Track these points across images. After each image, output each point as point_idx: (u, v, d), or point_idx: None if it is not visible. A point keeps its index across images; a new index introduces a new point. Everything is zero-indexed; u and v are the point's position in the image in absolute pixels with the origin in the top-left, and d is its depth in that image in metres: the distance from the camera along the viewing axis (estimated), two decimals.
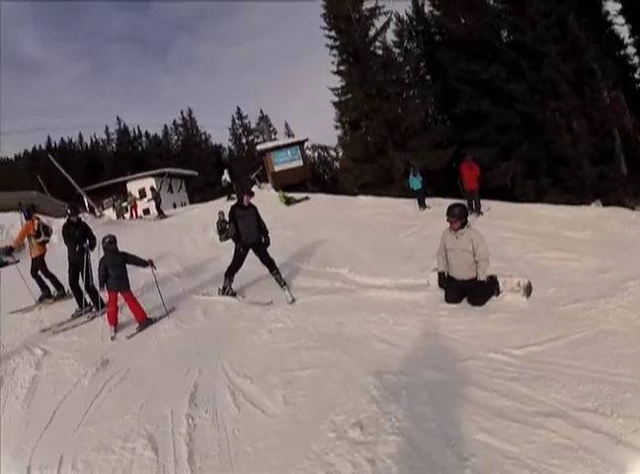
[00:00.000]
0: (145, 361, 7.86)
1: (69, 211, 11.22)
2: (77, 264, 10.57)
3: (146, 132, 77.18)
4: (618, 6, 30.90)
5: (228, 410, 5.92)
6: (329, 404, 5.55)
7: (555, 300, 8.24)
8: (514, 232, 14.29)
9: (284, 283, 10.35)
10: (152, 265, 9.98)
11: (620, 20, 31.39)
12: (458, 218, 8.45)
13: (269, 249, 10.63)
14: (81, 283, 10.72)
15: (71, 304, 11.08)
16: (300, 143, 39.42)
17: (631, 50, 31.92)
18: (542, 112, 26.43)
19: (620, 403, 4.87)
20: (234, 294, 10.47)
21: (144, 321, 9.47)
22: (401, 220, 18.46)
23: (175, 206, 40.40)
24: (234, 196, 29.25)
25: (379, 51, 35.99)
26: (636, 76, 32.31)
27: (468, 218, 8.73)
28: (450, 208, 8.56)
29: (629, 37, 31.64)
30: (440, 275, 8.92)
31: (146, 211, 36.75)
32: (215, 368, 7.08)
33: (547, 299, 8.32)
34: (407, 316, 8.09)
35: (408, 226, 16.87)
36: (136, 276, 11.59)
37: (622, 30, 31.84)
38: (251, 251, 10.51)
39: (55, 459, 5.38)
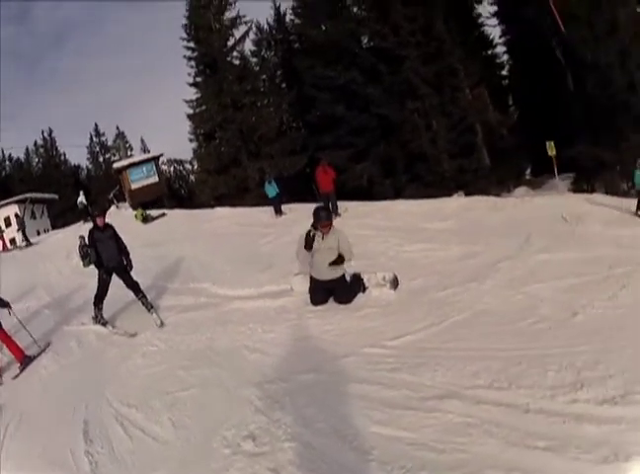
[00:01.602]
0: (35, 403, 7.24)
1: None
2: None
3: (9, 155, 72.58)
4: (492, 8, 32.67)
5: (122, 442, 5.60)
6: (216, 421, 5.30)
7: (424, 290, 8.27)
8: (374, 229, 14.35)
9: (152, 307, 9.73)
10: (9, 307, 9.27)
11: (493, 21, 33.09)
12: (328, 221, 8.18)
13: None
14: None
15: None
16: (155, 159, 38.50)
17: (501, 49, 33.85)
18: (399, 113, 27.17)
19: (516, 375, 4.87)
20: (105, 323, 9.71)
21: (24, 359, 8.71)
22: (259, 229, 18.35)
23: (38, 233, 37.95)
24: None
25: (236, 61, 35.75)
26: (503, 73, 34.48)
27: None
28: (318, 213, 8.22)
29: (499, 37, 33.52)
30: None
31: (12, 241, 34.16)
32: (99, 401, 6.63)
33: (415, 290, 8.33)
34: (275, 323, 7.86)
35: (266, 234, 16.80)
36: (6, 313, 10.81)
37: (494, 31, 33.64)
38: (115, 275, 9.82)
39: None
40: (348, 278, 8.34)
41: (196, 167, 43.19)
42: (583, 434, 4.03)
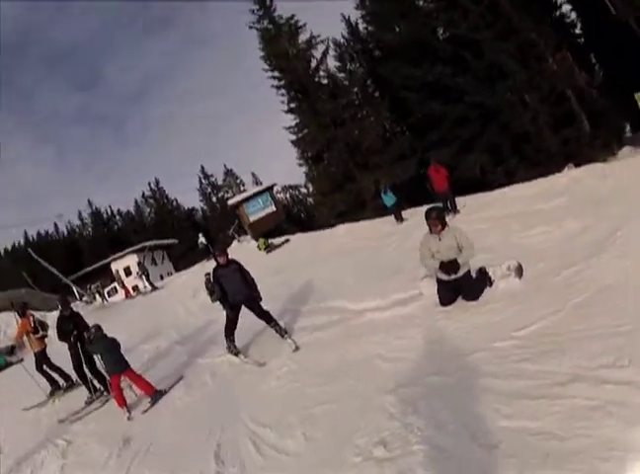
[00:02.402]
0: (165, 432, 7.79)
1: (60, 306, 11.24)
2: (77, 353, 10.52)
3: (118, 210, 76.24)
4: None
5: (254, 460, 5.88)
6: (350, 430, 5.48)
7: (547, 273, 8.17)
8: (492, 221, 14.27)
9: (285, 332, 9.94)
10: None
11: None
12: (438, 219, 8.28)
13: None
14: (86, 370, 10.64)
15: (82, 393, 10.94)
16: (269, 189, 39.55)
17: (566, 8, 32.82)
18: (493, 97, 26.58)
19: (636, 351, 4.76)
20: (237, 353, 10.09)
21: (155, 394, 9.37)
22: (381, 239, 18.40)
23: (162, 278, 39.78)
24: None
25: (324, 80, 36.18)
26: (576, 31, 33.10)
27: (447, 218, 8.66)
28: (428, 213, 8.40)
29: None
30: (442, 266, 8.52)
31: (135, 288, 36.13)
32: (235, 423, 7.01)
33: (540, 274, 8.23)
34: (405, 329, 7.99)
35: (389, 243, 16.87)
36: (139, 352, 11.87)
37: None
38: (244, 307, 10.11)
39: None
40: (474, 275, 8.40)
41: (311, 189, 43.86)
42: None
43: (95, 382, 10.65)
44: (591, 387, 4.52)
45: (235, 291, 9.85)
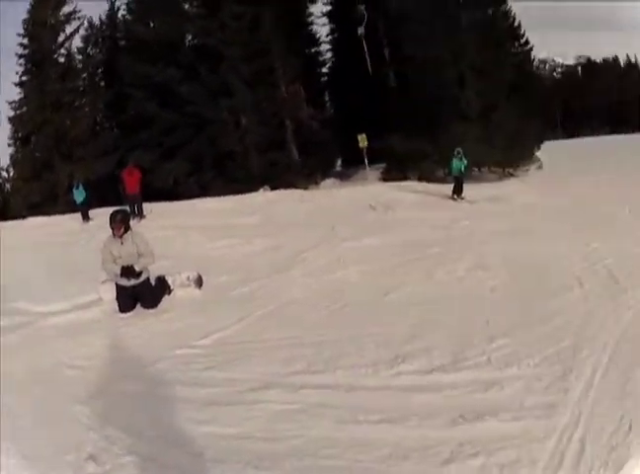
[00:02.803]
0: None
1: None
2: None
3: None
4: (325, 8, 34.30)
5: None
6: (55, 445, 4.75)
7: (229, 286, 8.60)
8: (179, 229, 14.46)
9: None
10: None
11: (323, 20, 34.52)
12: (122, 223, 8.22)
13: None
14: None
15: None
16: None
17: (325, 47, 35.22)
18: (212, 111, 26.97)
19: (332, 357, 5.08)
20: None
21: None
22: (68, 237, 17.57)
23: None
24: None
25: (62, 59, 33.80)
26: (324, 70, 35.63)
27: (131, 223, 8.52)
28: (112, 215, 8.31)
29: (327, 35, 35.05)
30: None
31: None
32: None
33: (221, 287, 8.63)
34: (89, 335, 7.49)
35: (73, 242, 16.24)
36: None
37: (323, 29, 35.15)
38: None
39: None
40: (153, 282, 8.37)
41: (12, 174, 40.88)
42: (418, 403, 4.30)
43: None
44: (288, 392, 4.62)
45: None
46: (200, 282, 8.48)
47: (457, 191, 18.80)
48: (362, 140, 23.04)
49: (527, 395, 4.46)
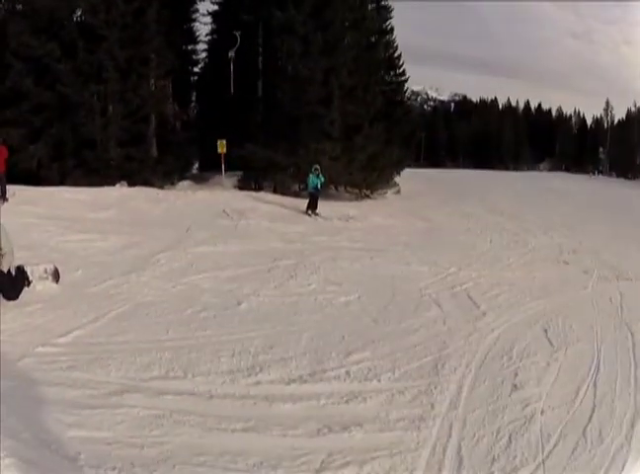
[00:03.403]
0: None
1: None
2: None
3: None
4: (211, 7, 32.98)
5: None
6: None
7: (85, 282, 8.49)
8: (38, 218, 13.87)
9: None
10: None
11: (207, 19, 33.49)
12: None
13: None
14: None
15: None
16: None
17: (202, 47, 34.26)
18: (80, 94, 25.92)
19: (189, 363, 5.21)
20: None
21: None
22: None
23: None
24: None
25: None
26: (195, 69, 34.61)
27: None
28: None
29: (206, 34, 34.14)
30: None
31: None
32: None
33: (77, 282, 8.51)
34: None
35: None
36: None
37: (204, 28, 34.20)
38: None
39: None
40: (12, 272, 7.97)
41: None
42: (280, 413, 4.52)
43: None
44: (149, 397, 4.71)
45: None
46: (57, 276, 8.37)
47: (312, 206, 18.99)
48: (222, 146, 23.10)
49: (392, 408, 4.82)
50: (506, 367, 6.04)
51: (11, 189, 17.90)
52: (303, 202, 19.49)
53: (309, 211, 19.04)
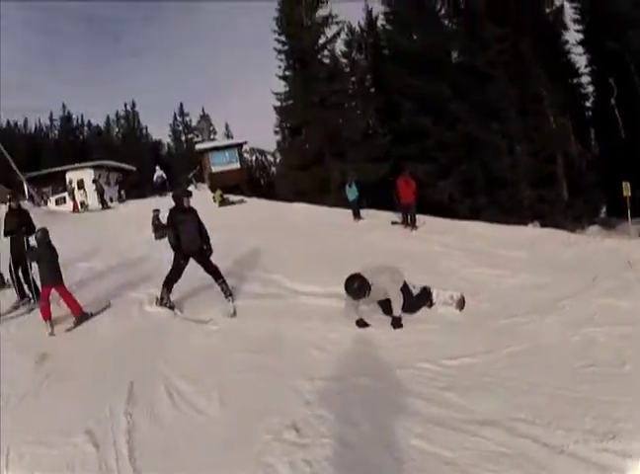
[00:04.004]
0: (84, 358, 7.65)
1: (10, 197, 10.99)
2: (18, 254, 10.23)
3: (89, 122, 73.18)
4: (579, 36, 32.00)
5: (166, 409, 5.89)
6: (264, 407, 5.50)
7: (490, 314, 8.34)
8: (449, 248, 14.32)
9: (230, 294, 9.63)
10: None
11: (579, 49, 32.41)
12: (356, 294, 7.91)
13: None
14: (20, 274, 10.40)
15: (6, 294, 10.95)
16: (239, 146, 39.05)
17: (585, 79, 33.09)
18: (483, 132, 26.68)
19: (558, 415, 4.87)
20: (172, 307, 9.52)
21: (81, 315, 9.21)
22: (335, 230, 18.22)
23: (111, 200, 38.72)
24: (168, 193, 28.80)
25: (326, 60, 36.02)
26: (587, 104, 33.46)
27: (403, 230, 8.62)
28: (348, 284, 7.96)
29: (585, 66, 32.78)
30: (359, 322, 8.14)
31: (82, 204, 34.94)
32: (152, 367, 6.99)
33: (482, 313, 8.41)
34: (339, 324, 7.98)
35: (341, 236, 16.77)
36: (73, 269, 11.63)
37: (580, 59, 32.87)
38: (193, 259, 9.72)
39: None
40: (417, 291, 8.46)
41: (278, 160, 43.42)
42: None
43: (25, 288, 10.40)
44: (505, 435, 4.58)
45: (190, 240, 9.48)
46: (461, 304, 8.53)
47: None
48: (627, 189, 21.31)
49: None
50: None
51: (421, 218, 18.87)
52: None
53: None
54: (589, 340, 6.94)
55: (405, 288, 8.23)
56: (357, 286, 7.87)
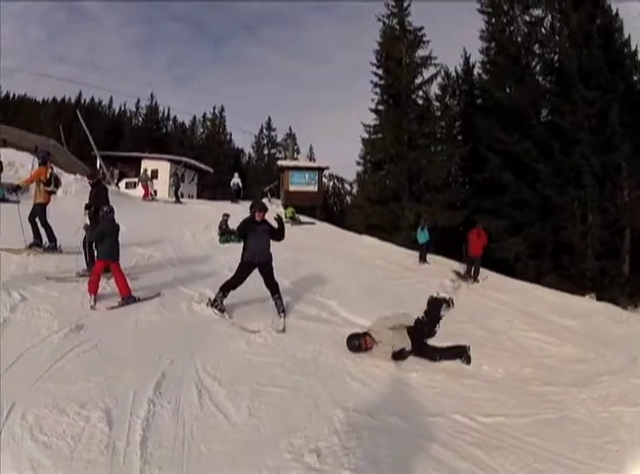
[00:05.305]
0: (119, 337, 7.84)
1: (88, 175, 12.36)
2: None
3: (174, 117, 76.66)
4: None
5: (191, 406, 5.90)
6: (291, 426, 5.59)
7: (530, 379, 8.41)
8: (504, 306, 14.44)
9: (283, 310, 9.80)
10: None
11: None
12: (356, 351, 8.42)
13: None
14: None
15: (58, 258, 11.53)
16: (320, 169, 39.18)
17: None
18: (561, 197, 26.46)
19: None
20: (223, 310, 9.64)
21: (128, 297, 9.45)
22: (399, 269, 18.50)
23: (182, 196, 39.99)
24: (240, 201, 30.33)
25: (420, 101, 36.34)
26: None
27: (465, 283, 8.86)
28: (349, 340, 8.54)
29: None
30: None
31: (155, 193, 36.03)
32: (187, 363, 7.07)
33: (522, 377, 8.51)
34: (383, 361, 8.13)
35: (405, 276, 16.98)
36: (130, 253, 11.96)
37: None
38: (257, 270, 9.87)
39: (5, 406, 5.33)
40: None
41: (355, 190, 43.69)
42: None
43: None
44: None
45: (257, 251, 9.68)
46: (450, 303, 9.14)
47: None
48: None
49: None
50: None
51: (484, 273, 19.00)
52: None
53: None
54: (617, 418, 6.96)
55: (416, 332, 8.58)
56: (357, 345, 8.40)
